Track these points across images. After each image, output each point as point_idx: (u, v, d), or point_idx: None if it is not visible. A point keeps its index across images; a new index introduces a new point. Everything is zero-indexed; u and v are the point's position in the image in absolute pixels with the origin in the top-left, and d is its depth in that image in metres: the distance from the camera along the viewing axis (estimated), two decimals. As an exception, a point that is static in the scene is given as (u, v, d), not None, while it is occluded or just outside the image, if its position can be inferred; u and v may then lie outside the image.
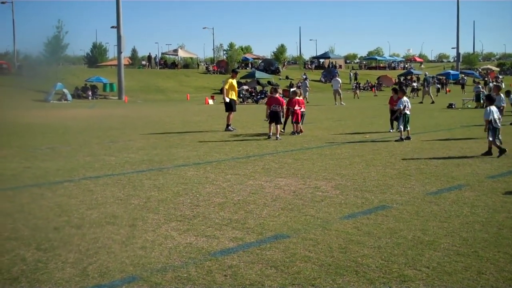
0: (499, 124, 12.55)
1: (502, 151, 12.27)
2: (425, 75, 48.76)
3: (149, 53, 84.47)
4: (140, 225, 6.92)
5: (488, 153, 12.41)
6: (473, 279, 5.00)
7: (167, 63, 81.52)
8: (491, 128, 12.40)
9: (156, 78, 62.39)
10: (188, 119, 25.42)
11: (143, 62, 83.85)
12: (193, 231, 6.63)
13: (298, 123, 17.76)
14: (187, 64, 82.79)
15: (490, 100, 12.94)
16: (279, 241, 6.21)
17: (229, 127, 18.96)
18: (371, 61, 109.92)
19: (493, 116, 12.40)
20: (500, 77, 72.65)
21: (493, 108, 12.61)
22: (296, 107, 17.66)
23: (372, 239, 6.26)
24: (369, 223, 6.95)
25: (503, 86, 42.00)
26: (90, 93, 48.59)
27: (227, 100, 19.12)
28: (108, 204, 8.04)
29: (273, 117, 16.48)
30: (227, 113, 19.31)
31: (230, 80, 19.71)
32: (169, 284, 4.93)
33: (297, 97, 18.14)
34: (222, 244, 6.12)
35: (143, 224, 6.96)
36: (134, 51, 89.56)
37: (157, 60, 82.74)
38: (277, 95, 17.01)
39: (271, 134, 16.44)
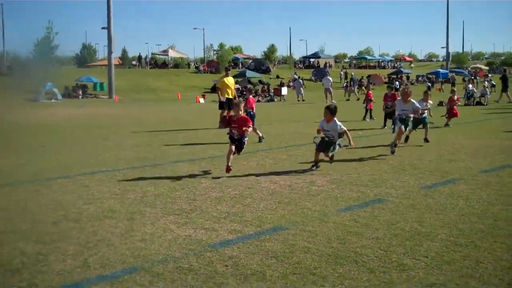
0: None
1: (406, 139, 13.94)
2: (352, 75, 50.70)
3: (140, 53, 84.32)
4: (138, 218, 6.94)
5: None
6: (471, 267, 5.07)
7: (157, 63, 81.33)
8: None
9: (146, 78, 62.19)
10: (181, 118, 25.37)
11: (134, 62, 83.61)
12: (191, 224, 6.66)
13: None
14: (177, 64, 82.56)
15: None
16: (277, 233, 6.26)
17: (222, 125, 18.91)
18: (361, 61, 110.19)
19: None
20: (489, 75, 73.15)
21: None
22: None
23: (370, 230, 6.32)
24: (365, 215, 7.00)
25: (494, 83, 42.41)
26: (80, 92, 48.38)
27: (223, 99, 19.07)
28: (104, 199, 8.05)
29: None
30: (220, 111, 19.29)
31: (223, 79, 19.63)
32: (171, 274, 4.96)
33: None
34: (221, 236, 6.16)
35: (141, 217, 6.98)
36: (124, 51, 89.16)
37: (148, 60, 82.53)
38: (251, 96, 16.96)
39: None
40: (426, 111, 14.62)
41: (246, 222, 6.74)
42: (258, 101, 41.91)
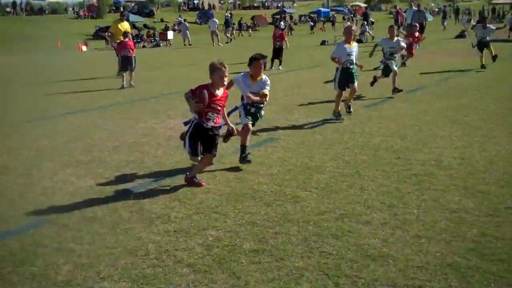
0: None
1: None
2: (227, 16, 50.93)
3: (13, -1, 79.13)
4: (36, 173, 6.90)
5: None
6: (357, 194, 5.62)
7: (33, 9, 76.89)
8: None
9: (22, 26, 58.75)
10: (65, 67, 24.38)
11: (8, 9, 78.34)
12: (91, 175, 6.74)
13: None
14: (55, 10, 78.50)
15: None
16: (177, 176, 6.50)
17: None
18: (244, 1, 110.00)
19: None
20: (369, 12, 75.74)
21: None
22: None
23: (265, 167, 6.73)
24: (260, 154, 7.40)
25: (373, 21, 44.17)
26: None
27: (115, 46, 18.33)
28: (-4, 156, 7.87)
29: (126, 62, 15.62)
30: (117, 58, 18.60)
31: (118, 24, 18.64)
32: (77, 224, 5.09)
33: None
34: (122, 184, 6.30)
35: (39, 172, 6.94)
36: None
37: (23, 6, 77.66)
38: (127, 40, 16.22)
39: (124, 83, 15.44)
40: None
41: (146, 168, 6.92)
42: (144, 46, 41.17)
